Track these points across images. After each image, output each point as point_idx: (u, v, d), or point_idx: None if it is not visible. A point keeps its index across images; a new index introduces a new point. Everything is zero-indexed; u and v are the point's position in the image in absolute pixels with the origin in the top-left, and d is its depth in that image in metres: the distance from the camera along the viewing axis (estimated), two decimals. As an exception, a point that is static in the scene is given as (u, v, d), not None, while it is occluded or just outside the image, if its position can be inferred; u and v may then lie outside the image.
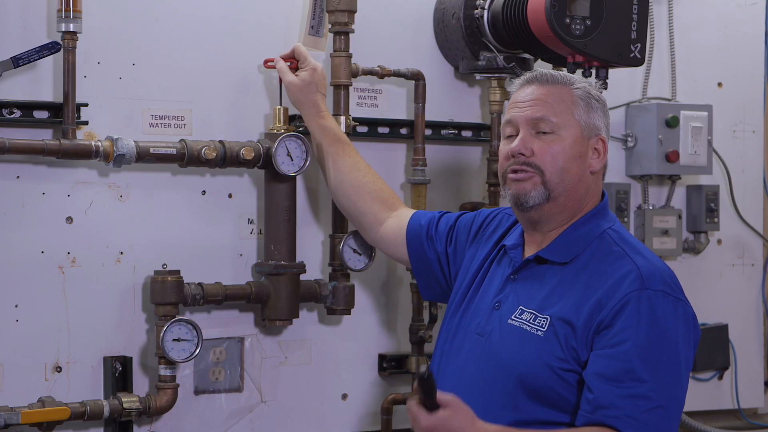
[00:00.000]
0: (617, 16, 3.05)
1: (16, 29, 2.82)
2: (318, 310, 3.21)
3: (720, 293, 3.84)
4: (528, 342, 2.42)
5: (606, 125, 2.54)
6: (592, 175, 2.52)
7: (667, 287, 2.38)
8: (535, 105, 2.49)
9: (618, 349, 2.33)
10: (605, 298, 2.37)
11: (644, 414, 2.30)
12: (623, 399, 2.31)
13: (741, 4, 3.85)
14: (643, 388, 2.31)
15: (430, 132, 3.30)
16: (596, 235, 2.48)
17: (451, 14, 3.26)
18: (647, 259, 2.43)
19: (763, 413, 3.97)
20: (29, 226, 2.86)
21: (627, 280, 2.38)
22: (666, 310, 2.36)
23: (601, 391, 2.32)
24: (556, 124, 2.48)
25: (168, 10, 3.00)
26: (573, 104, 2.49)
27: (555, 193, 2.48)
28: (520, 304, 2.47)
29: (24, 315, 2.86)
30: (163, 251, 3.00)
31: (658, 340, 2.33)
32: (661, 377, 2.32)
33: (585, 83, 2.54)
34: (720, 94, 3.81)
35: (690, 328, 2.40)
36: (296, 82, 2.98)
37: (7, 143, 2.75)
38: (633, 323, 2.33)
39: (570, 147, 2.48)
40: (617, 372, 2.32)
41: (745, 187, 3.86)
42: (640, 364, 2.32)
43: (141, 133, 2.96)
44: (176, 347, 2.88)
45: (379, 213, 2.95)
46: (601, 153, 2.52)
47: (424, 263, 2.84)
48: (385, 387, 3.30)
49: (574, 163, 2.48)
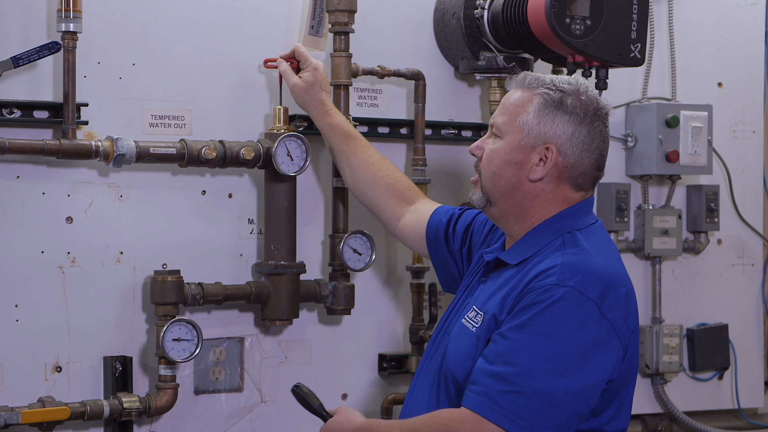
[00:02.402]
0: (617, 16, 3.05)
1: (16, 29, 2.82)
2: (318, 310, 3.21)
3: (720, 293, 3.84)
4: (463, 337, 2.43)
5: (569, 133, 2.40)
6: (536, 183, 2.43)
7: (582, 286, 2.30)
8: (499, 108, 2.49)
9: (502, 332, 2.31)
10: (522, 291, 2.34)
11: (499, 395, 2.25)
12: (486, 376, 2.28)
13: (741, 4, 3.85)
14: (507, 370, 2.26)
15: (430, 132, 3.30)
16: (555, 237, 2.43)
17: (451, 14, 3.26)
18: (578, 259, 2.35)
19: (763, 413, 3.98)
20: (29, 226, 2.86)
21: (543, 275, 2.33)
22: (567, 306, 2.28)
23: (476, 368, 2.31)
24: (501, 129, 2.45)
25: (168, 10, 3.00)
26: (523, 110, 2.43)
27: (492, 197, 2.46)
28: (474, 304, 2.47)
29: (24, 315, 2.86)
30: (163, 251, 3.00)
31: (543, 331, 2.27)
32: (532, 366, 2.25)
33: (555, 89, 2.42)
34: (720, 94, 3.81)
35: (594, 332, 2.29)
36: (300, 84, 2.97)
37: (7, 143, 2.75)
38: (526, 311, 2.29)
39: (506, 153, 2.44)
40: (493, 353, 2.30)
41: (745, 187, 3.86)
42: (516, 349, 2.27)
43: (141, 133, 2.96)
44: (176, 347, 2.88)
45: (396, 208, 2.93)
46: (546, 162, 2.41)
47: (443, 260, 2.83)
48: (385, 387, 3.30)
49: (507, 169, 2.44)
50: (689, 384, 3.80)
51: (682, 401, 3.75)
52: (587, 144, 2.43)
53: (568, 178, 2.44)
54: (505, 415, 2.25)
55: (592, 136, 2.43)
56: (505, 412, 2.25)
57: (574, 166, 2.43)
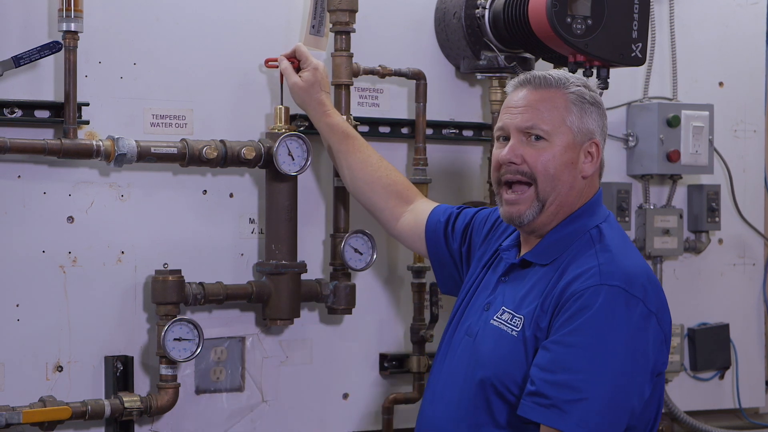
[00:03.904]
0: (618, 15, 3.05)
1: (17, 29, 2.82)
2: (319, 310, 3.21)
3: (721, 293, 3.84)
4: (502, 341, 2.41)
5: (601, 126, 2.50)
6: (585, 180, 2.48)
7: (626, 284, 2.33)
8: (525, 112, 2.45)
9: (557, 340, 2.31)
10: (562, 294, 2.34)
11: (568, 404, 2.26)
12: (552, 388, 2.27)
13: (742, 3, 3.85)
14: (571, 378, 2.27)
15: (431, 131, 3.30)
16: (579, 235, 2.45)
17: (452, 14, 3.26)
18: (613, 257, 2.38)
19: (764, 413, 3.97)
20: (30, 225, 2.86)
21: (584, 277, 2.34)
22: (617, 306, 2.30)
23: (536, 379, 2.30)
24: (547, 131, 2.45)
25: (169, 10, 3.00)
26: (565, 110, 2.45)
27: (548, 202, 2.46)
28: (504, 305, 2.46)
29: (25, 314, 2.86)
30: (164, 251, 3.00)
31: (598, 334, 2.28)
32: (594, 371, 2.27)
33: (580, 85, 2.48)
34: (721, 93, 3.81)
35: (644, 328, 2.32)
36: (300, 84, 2.97)
37: (8, 143, 2.75)
38: (579, 316, 2.30)
39: (561, 154, 2.45)
40: (552, 362, 2.29)
41: (746, 186, 3.86)
42: (576, 355, 2.28)
43: (142, 133, 2.96)
44: (177, 347, 2.88)
45: (395, 208, 2.93)
46: (594, 157, 2.47)
47: (441, 260, 2.83)
48: (386, 386, 3.30)
49: (565, 171, 2.45)
50: (690, 383, 3.80)
51: (683, 401, 3.75)
52: (607, 133, 2.54)
53: (600, 168, 2.52)
54: (576, 423, 2.26)
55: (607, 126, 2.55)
56: (576, 420, 2.26)
57: (603, 158, 2.52)
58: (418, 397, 3.24)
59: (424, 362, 3.24)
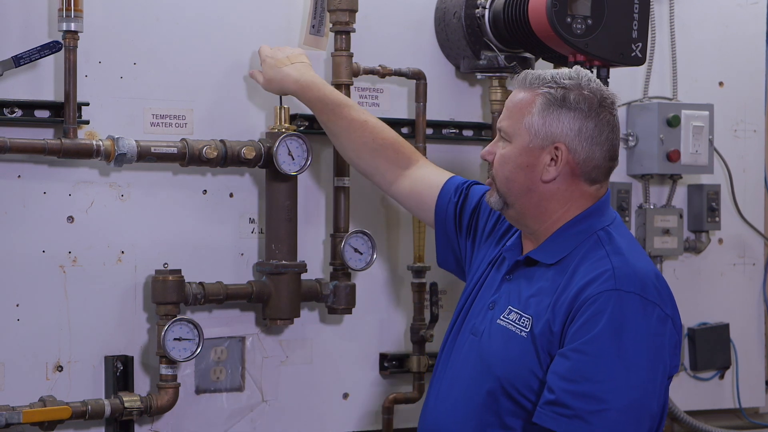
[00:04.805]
0: (618, 15, 3.05)
1: (17, 28, 2.83)
2: (319, 310, 3.21)
3: (721, 293, 3.84)
4: (512, 342, 2.39)
5: (575, 129, 2.39)
6: (550, 183, 2.42)
7: (641, 289, 2.31)
8: (504, 111, 2.47)
9: (577, 348, 2.28)
10: (576, 298, 2.32)
11: (591, 415, 2.23)
12: (575, 398, 2.25)
13: (742, 3, 3.85)
14: (593, 388, 2.25)
15: (431, 131, 3.30)
16: (587, 236, 2.42)
17: (452, 13, 3.26)
18: (626, 261, 2.36)
19: (764, 412, 3.97)
20: (30, 225, 2.86)
21: (598, 281, 2.32)
22: (634, 313, 2.28)
23: (556, 388, 2.27)
24: (508, 132, 2.44)
25: (169, 10, 3.00)
26: (527, 111, 2.41)
27: (508, 200, 2.46)
28: (510, 304, 2.44)
29: (25, 314, 2.86)
30: (164, 250, 3.00)
31: (619, 342, 2.26)
32: (616, 379, 2.25)
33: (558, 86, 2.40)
34: (721, 93, 3.81)
35: (662, 333, 2.31)
36: (263, 83, 2.99)
37: (8, 142, 2.75)
38: (596, 323, 2.27)
39: (516, 156, 2.42)
40: (572, 371, 2.27)
41: (746, 186, 3.86)
42: (596, 364, 2.25)
43: (142, 133, 2.96)
44: (177, 346, 2.88)
45: (386, 173, 2.89)
46: (558, 161, 2.40)
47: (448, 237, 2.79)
48: (386, 386, 3.30)
49: (520, 173, 2.42)
50: (690, 383, 3.79)
51: (683, 401, 3.75)
52: (596, 137, 2.41)
53: (582, 173, 2.42)
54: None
55: (600, 129, 2.41)
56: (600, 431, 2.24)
57: (586, 162, 2.41)
58: (419, 397, 3.24)
59: (425, 362, 3.24)
